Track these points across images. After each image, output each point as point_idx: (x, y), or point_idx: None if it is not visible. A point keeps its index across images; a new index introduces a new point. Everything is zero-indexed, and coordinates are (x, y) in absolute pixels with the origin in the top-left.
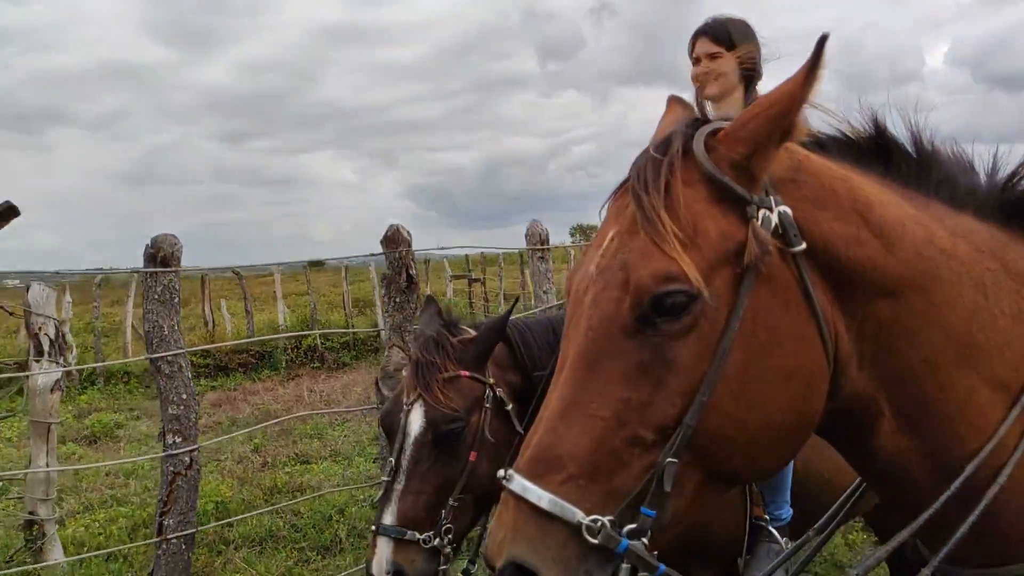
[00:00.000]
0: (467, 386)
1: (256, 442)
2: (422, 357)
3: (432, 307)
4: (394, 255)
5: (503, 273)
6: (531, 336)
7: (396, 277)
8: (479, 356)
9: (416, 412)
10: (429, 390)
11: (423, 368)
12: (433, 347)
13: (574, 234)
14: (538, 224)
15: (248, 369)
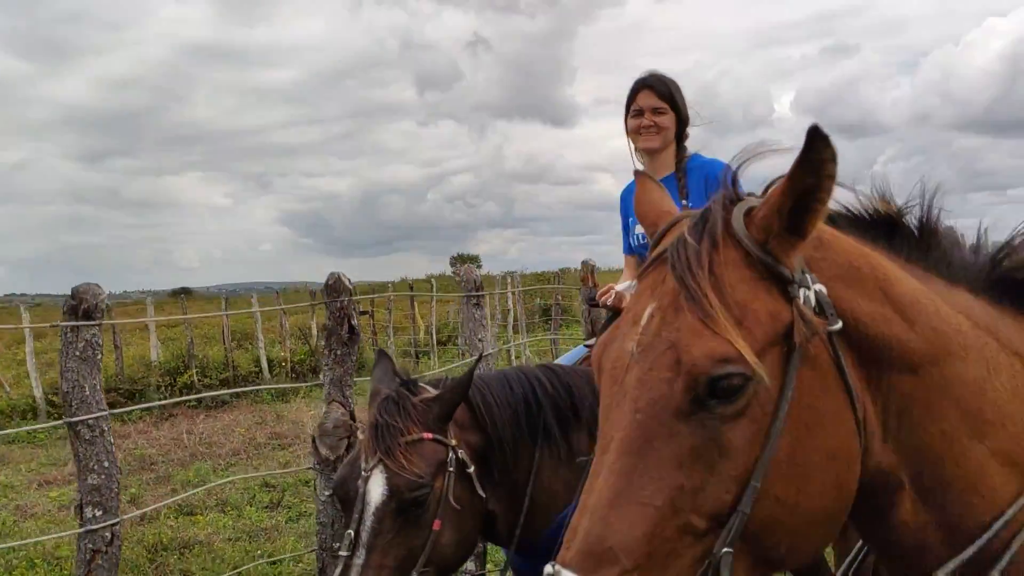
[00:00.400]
0: (430, 449)
1: (132, 491)
2: (382, 419)
3: (386, 362)
4: (336, 305)
5: (392, 305)
6: (490, 394)
7: (338, 328)
8: (442, 417)
9: (377, 479)
10: (391, 455)
11: (383, 431)
12: (393, 408)
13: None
14: (472, 269)
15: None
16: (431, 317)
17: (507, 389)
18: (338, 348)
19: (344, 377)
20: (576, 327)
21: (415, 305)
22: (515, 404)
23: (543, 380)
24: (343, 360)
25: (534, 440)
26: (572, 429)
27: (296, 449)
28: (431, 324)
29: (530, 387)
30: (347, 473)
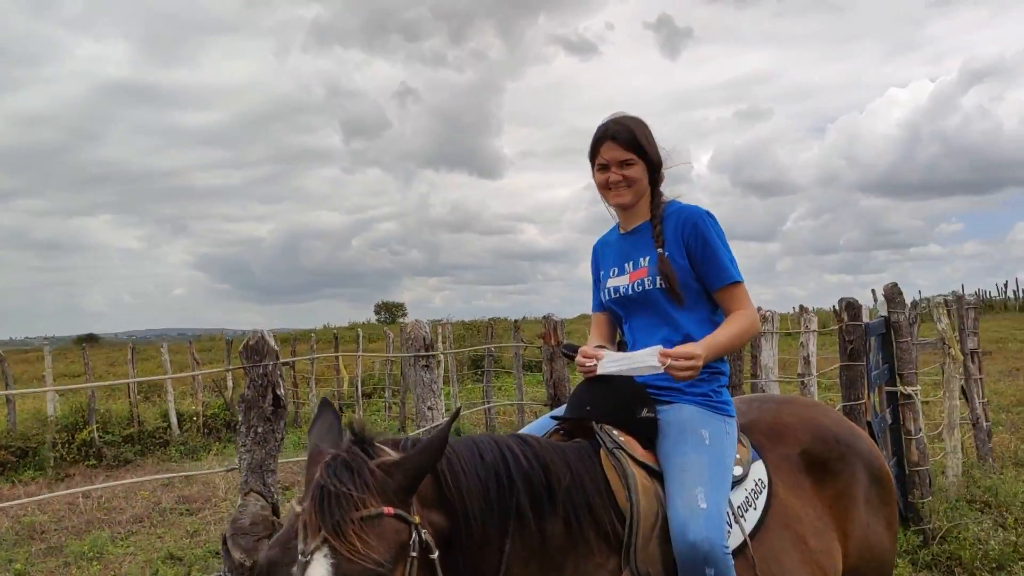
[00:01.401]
0: (391, 528)
1: (17, 567)
2: (330, 486)
3: (329, 415)
4: (258, 371)
5: (315, 349)
6: (458, 462)
7: (259, 400)
8: (406, 487)
9: (319, 565)
10: (342, 534)
11: (332, 502)
12: (346, 473)
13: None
14: (421, 325)
15: (5, 469)
16: (356, 368)
17: (477, 458)
18: (259, 425)
19: (266, 461)
20: (508, 379)
21: (340, 358)
22: (485, 477)
23: (517, 452)
24: (265, 440)
25: (504, 525)
26: (547, 515)
27: (206, 515)
28: (356, 376)
29: (502, 458)
30: (275, 557)
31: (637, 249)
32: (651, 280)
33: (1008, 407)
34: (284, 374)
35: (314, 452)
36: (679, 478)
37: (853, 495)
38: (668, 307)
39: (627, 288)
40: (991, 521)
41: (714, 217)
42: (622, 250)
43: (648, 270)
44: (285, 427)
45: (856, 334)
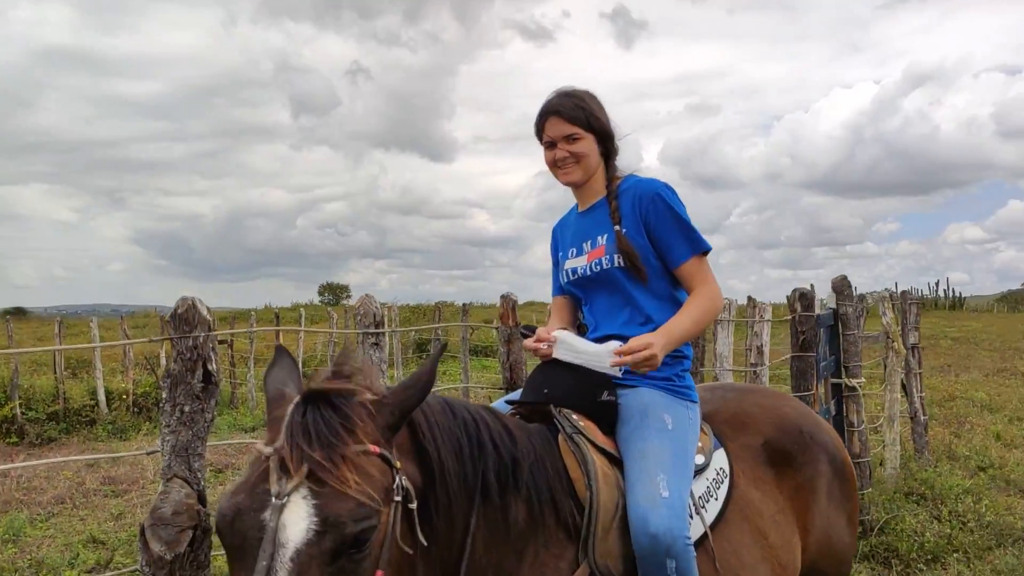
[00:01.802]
0: (379, 468)
1: None
2: (315, 419)
3: (287, 360)
4: (187, 343)
5: (255, 334)
6: (433, 416)
7: (187, 375)
8: (391, 426)
9: (301, 505)
10: (331, 467)
11: (317, 434)
12: (330, 406)
13: (323, 292)
14: (371, 300)
15: None
16: (298, 349)
17: (449, 415)
18: (186, 403)
19: (192, 444)
20: (453, 363)
21: (280, 335)
22: (458, 436)
23: (486, 418)
24: (192, 420)
25: (472, 496)
26: (511, 493)
27: (132, 497)
28: (298, 356)
29: (472, 421)
30: (241, 504)
31: (594, 227)
32: (609, 259)
33: (940, 402)
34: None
35: (277, 394)
36: (640, 464)
37: (815, 488)
38: (629, 286)
39: (585, 268)
40: (927, 513)
41: (672, 189)
42: (580, 229)
43: (606, 248)
44: (218, 407)
45: (808, 325)
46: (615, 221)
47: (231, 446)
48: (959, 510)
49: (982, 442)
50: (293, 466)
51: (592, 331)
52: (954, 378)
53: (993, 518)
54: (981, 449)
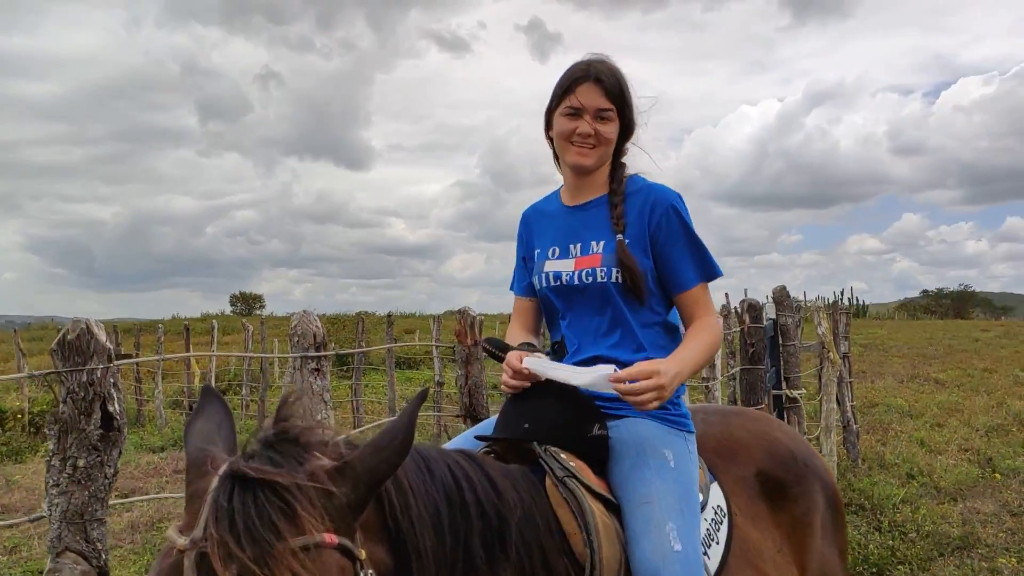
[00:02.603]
0: (335, 568)
1: None
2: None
3: (217, 407)
4: (78, 379)
5: (163, 347)
6: (406, 479)
7: (81, 420)
8: (354, 506)
9: None
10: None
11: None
12: (268, 484)
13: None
14: (311, 319)
15: None
16: (210, 363)
17: (425, 473)
18: (80, 455)
19: (90, 507)
20: (375, 375)
21: (191, 347)
22: (437, 501)
23: (468, 471)
24: (89, 477)
25: (452, 567)
26: (499, 560)
27: (29, 528)
28: (209, 371)
29: (452, 476)
30: None
31: (588, 229)
32: (606, 271)
33: (863, 409)
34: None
35: (200, 458)
36: (644, 512)
37: (812, 523)
38: (624, 306)
39: (572, 276)
40: (867, 525)
41: (684, 202)
42: (568, 227)
43: (603, 258)
44: (120, 456)
45: (757, 337)
46: (618, 228)
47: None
48: (898, 520)
49: (908, 449)
50: (219, 566)
51: (573, 353)
52: (871, 384)
53: (931, 528)
54: (908, 456)
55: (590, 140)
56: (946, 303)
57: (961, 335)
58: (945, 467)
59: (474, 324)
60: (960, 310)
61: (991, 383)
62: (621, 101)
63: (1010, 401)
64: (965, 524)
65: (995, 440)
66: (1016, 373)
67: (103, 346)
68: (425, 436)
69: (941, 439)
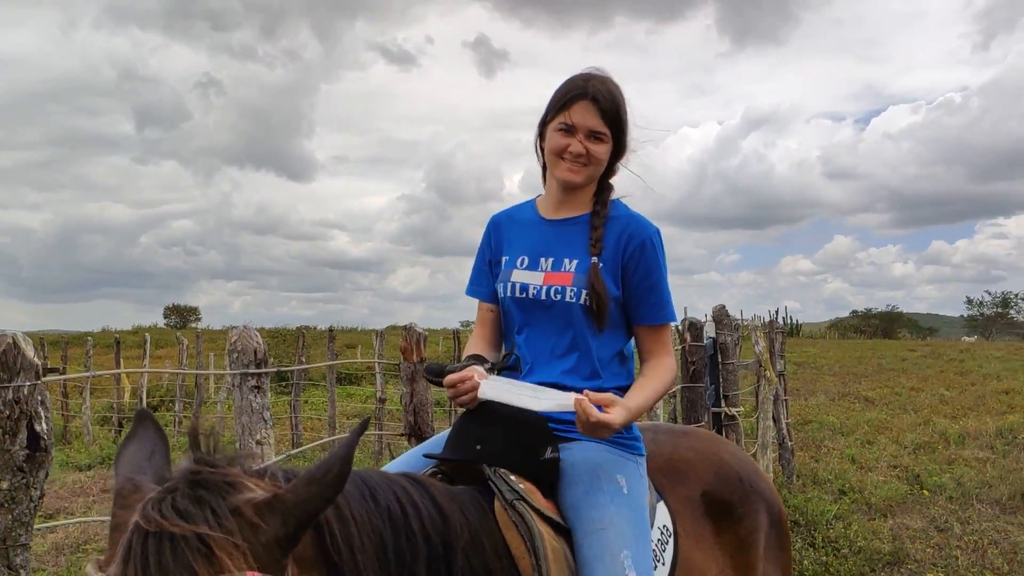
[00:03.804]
0: None
1: None
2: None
3: (151, 432)
4: (4, 397)
5: (91, 360)
6: (347, 507)
7: (6, 440)
8: (284, 540)
9: None
10: None
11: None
12: (191, 516)
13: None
14: (252, 335)
15: None
16: (142, 378)
17: (369, 501)
18: (4, 477)
19: (14, 531)
20: (316, 391)
21: (121, 361)
22: (381, 530)
23: (414, 497)
24: (13, 500)
25: None
26: None
27: None
28: (141, 386)
29: (398, 502)
30: None
31: (563, 246)
32: (575, 292)
33: (796, 426)
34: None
35: (127, 487)
36: (599, 538)
37: (755, 543)
38: (585, 330)
39: (539, 291)
40: (802, 541)
41: (662, 238)
42: (542, 239)
43: (574, 278)
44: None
45: (698, 355)
46: (595, 251)
47: (65, 487)
48: (831, 536)
49: (840, 465)
50: None
51: (527, 372)
52: (803, 402)
53: (863, 543)
54: (840, 473)
55: (581, 159)
56: (875, 323)
57: (889, 354)
58: (875, 483)
59: (420, 341)
60: (888, 330)
61: (918, 401)
62: (616, 123)
63: (936, 419)
64: (895, 540)
65: (922, 457)
66: (941, 392)
67: (31, 362)
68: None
69: (871, 456)
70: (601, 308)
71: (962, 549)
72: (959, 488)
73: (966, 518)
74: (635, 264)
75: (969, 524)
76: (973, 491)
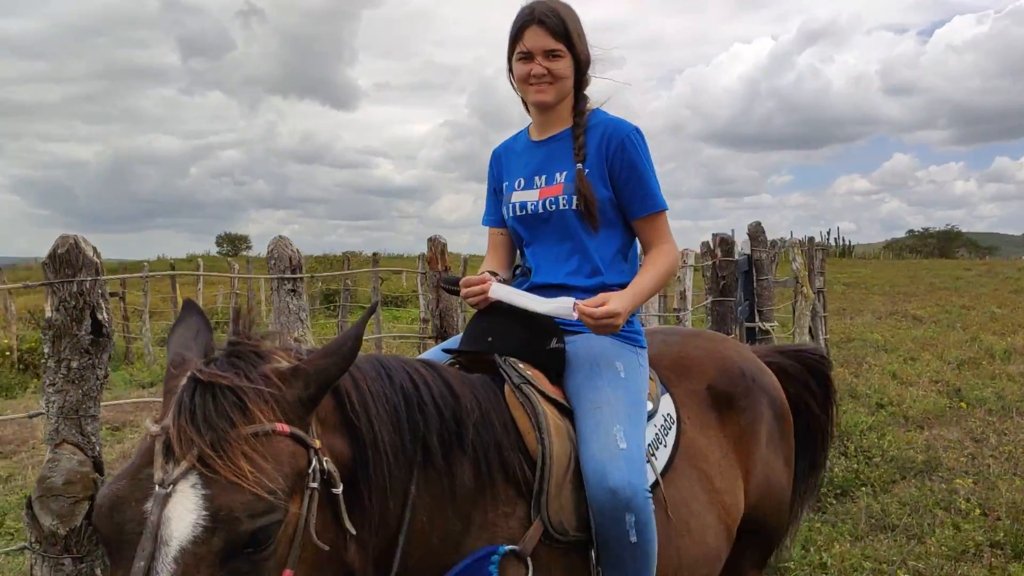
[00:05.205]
0: (286, 451)
1: None
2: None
3: (196, 318)
4: (69, 289)
5: (148, 286)
6: (364, 382)
7: (73, 326)
8: (307, 401)
9: (188, 496)
10: (221, 454)
11: (210, 412)
12: (227, 380)
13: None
14: (287, 244)
15: None
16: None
17: (384, 378)
18: (74, 358)
19: (83, 404)
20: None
21: (177, 287)
22: (395, 402)
23: (426, 377)
24: (82, 377)
25: (411, 465)
26: (456, 456)
27: (24, 458)
28: None
29: (411, 381)
30: (121, 492)
31: (552, 161)
32: (567, 199)
33: (839, 343)
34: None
35: (177, 360)
36: (594, 416)
37: (757, 432)
38: (582, 233)
39: (536, 206)
40: (835, 450)
41: (642, 135)
42: (533, 160)
43: (564, 187)
44: (113, 362)
45: (729, 270)
46: (579, 158)
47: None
48: (864, 446)
49: (880, 381)
50: (180, 450)
51: (535, 275)
52: (849, 321)
53: (896, 452)
54: (880, 387)
55: (545, 79)
56: (932, 243)
57: (944, 274)
58: (915, 398)
59: (443, 251)
60: (945, 250)
61: (967, 319)
62: (567, 38)
63: (984, 336)
64: (929, 450)
65: (966, 372)
66: (993, 310)
67: (91, 260)
68: None
69: (913, 372)
70: (590, 208)
71: (995, 458)
72: (999, 401)
73: (1003, 430)
74: (619, 163)
75: (1006, 435)
76: (1013, 404)
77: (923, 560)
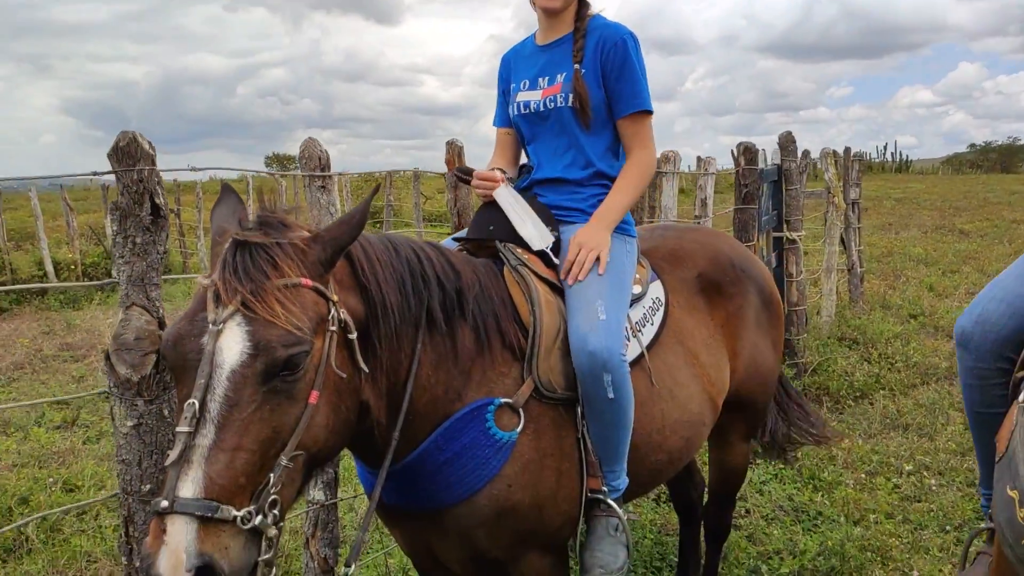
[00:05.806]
0: (310, 300)
1: None
2: (243, 255)
3: (233, 199)
4: (131, 176)
5: (202, 203)
6: (374, 252)
7: (135, 208)
8: (325, 261)
9: (235, 331)
10: (260, 298)
11: (246, 268)
12: (260, 243)
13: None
14: (316, 144)
15: None
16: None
17: (391, 251)
18: (137, 235)
19: (148, 274)
20: (405, 229)
21: None
22: (401, 271)
23: (430, 254)
24: (145, 251)
25: (417, 325)
26: (457, 321)
27: (92, 361)
28: None
29: (415, 256)
30: (183, 330)
31: (555, 63)
32: (564, 97)
33: (880, 257)
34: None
35: (219, 231)
36: (580, 294)
37: (744, 316)
38: (576, 129)
39: (538, 104)
40: (858, 356)
41: (637, 40)
42: (538, 63)
43: (562, 87)
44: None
45: (751, 178)
46: (577, 59)
47: None
48: (888, 353)
49: (915, 292)
50: (226, 297)
51: (536, 171)
52: (894, 236)
53: (920, 359)
54: (914, 299)
55: None
56: (993, 157)
57: (1000, 188)
58: (948, 309)
59: (460, 152)
60: (1008, 164)
61: (1016, 233)
62: None
63: None
64: (953, 356)
65: None
66: None
67: (147, 152)
68: None
69: (951, 284)
70: (584, 106)
71: None
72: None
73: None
74: (611, 64)
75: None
76: None
77: (930, 455)
